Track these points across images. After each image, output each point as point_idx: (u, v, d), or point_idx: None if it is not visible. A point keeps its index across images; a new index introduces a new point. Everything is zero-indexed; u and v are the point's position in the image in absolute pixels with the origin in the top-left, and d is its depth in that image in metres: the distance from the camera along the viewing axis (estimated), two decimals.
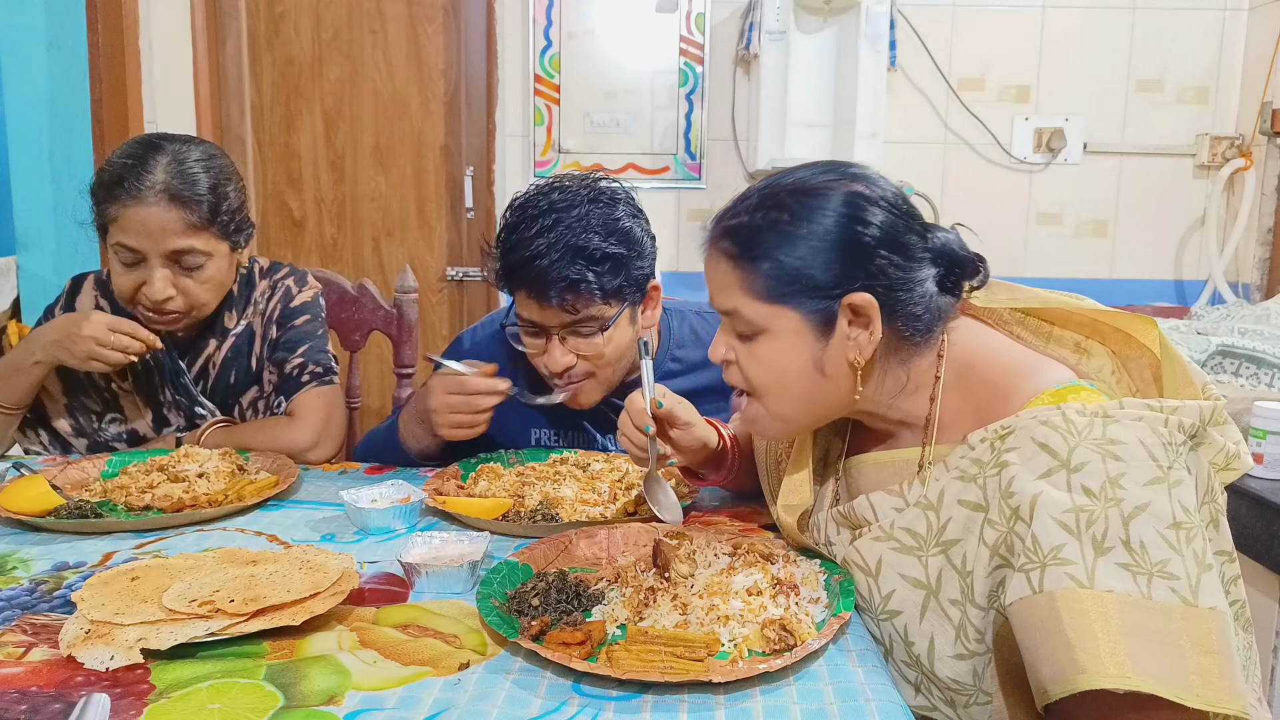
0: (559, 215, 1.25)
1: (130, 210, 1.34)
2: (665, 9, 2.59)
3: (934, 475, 0.88)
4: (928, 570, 0.86)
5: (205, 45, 2.64)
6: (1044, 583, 0.74)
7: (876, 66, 2.44)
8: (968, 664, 0.83)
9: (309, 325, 1.54)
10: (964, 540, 0.83)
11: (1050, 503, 0.76)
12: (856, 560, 0.92)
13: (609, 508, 1.20)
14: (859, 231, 0.88)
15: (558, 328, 1.28)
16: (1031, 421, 0.81)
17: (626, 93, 2.62)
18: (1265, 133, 2.52)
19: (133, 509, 1.18)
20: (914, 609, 0.86)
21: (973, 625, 0.82)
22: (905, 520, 0.88)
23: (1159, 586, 0.72)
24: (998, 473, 0.81)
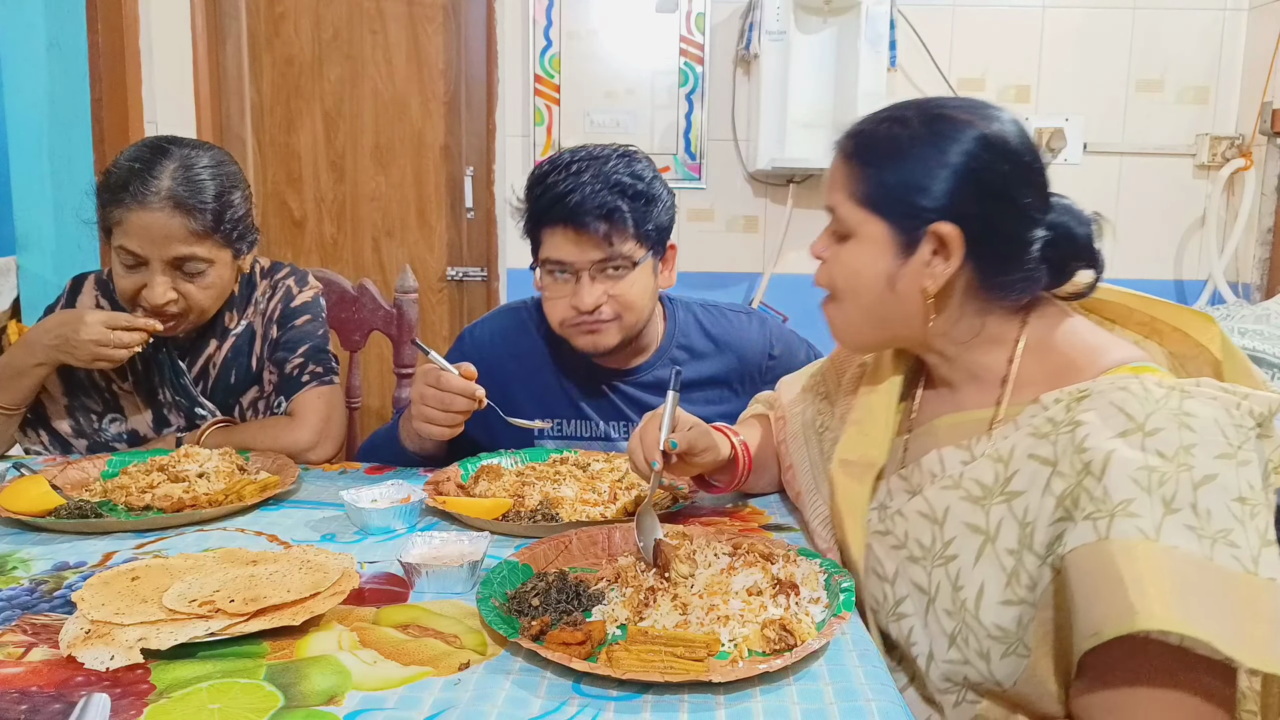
0: (593, 160, 1.34)
1: (135, 215, 1.34)
2: (665, 9, 2.59)
3: (1003, 433, 0.90)
4: (989, 518, 0.87)
5: (205, 45, 2.64)
6: (1111, 530, 0.75)
7: (876, 66, 2.45)
8: (1013, 610, 0.84)
9: (309, 325, 1.54)
10: (1028, 492, 0.85)
11: (1123, 460, 0.77)
12: (923, 509, 0.93)
13: (609, 508, 1.20)
14: (966, 164, 0.90)
15: (589, 266, 1.34)
16: (1109, 386, 0.83)
17: (626, 93, 2.62)
18: (1265, 133, 2.52)
19: (133, 509, 1.18)
20: (970, 554, 0.88)
21: (1026, 572, 0.84)
22: (974, 471, 0.90)
23: (1221, 552, 0.74)
24: (1071, 430, 0.82)
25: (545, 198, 1.33)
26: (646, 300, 1.40)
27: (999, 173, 0.91)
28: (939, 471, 0.94)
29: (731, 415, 1.51)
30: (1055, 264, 0.94)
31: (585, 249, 1.33)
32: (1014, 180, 0.91)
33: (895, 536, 0.96)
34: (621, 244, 1.33)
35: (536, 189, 1.36)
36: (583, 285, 1.34)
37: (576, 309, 1.35)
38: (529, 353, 1.52)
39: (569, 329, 1.39)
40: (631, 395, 1.49)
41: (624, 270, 1.35)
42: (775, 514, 1.22)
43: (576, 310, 1.35)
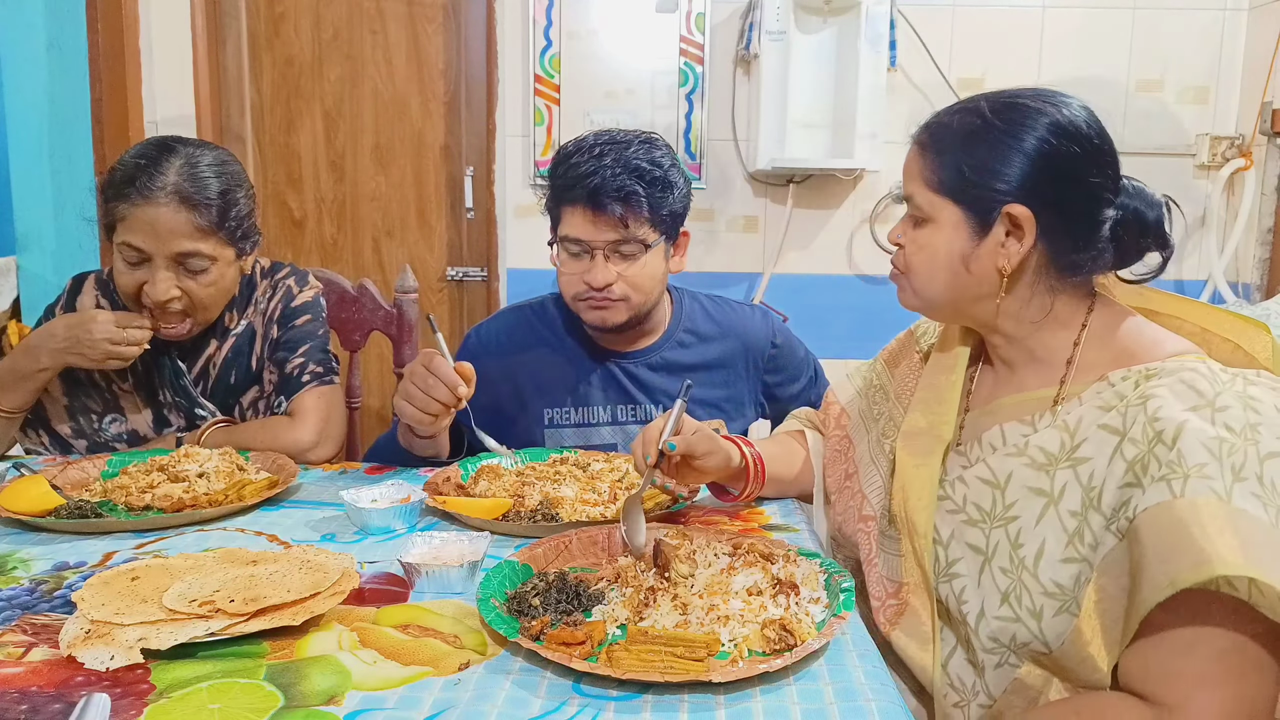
0: (615, 145, 1.40)
1: (139, 210, 1.35)
2: (665, 9, 2.58)
3: (1067, 408, 0.95)
4: (1053, 482, 0.92)
5: (205, 45, 2.64)
6: (1185, 489, 0.79)
7: (876, 66, 2.44)
8: (1073, 568, 0.88)
9: (310, 325, 1.54)
10: (1095, 458, 0.89)
11: (1195, 429, 0.82)
12: (984, 476, 0.98)
13: (609, 508, 1.20)
14: (1040, 152, 0.95)
15: (604, 246, 1.39)
16: (1179, 366, 0.88)
17: (626, 93, 2.62)
18: (1265, 133, 2.52)
19: (133, 509, 1.18)
20: (1031, 516, 0.92)
21: (1090, 531, 0.87)
22: (1039, 440, 0.95)
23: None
24: (1142, 404, 0.87)
25: (567, 177, 1.39)
26: (656, 283, 1.46)
27: (1069, 155, 0.95)
28: (999, 444, 0.99)
29: (734, 399, 1.56)
30: (1124, 244, 0.98)
31: (602, 229, 1.38)
32: (1084, 162, 0.95)
33: (953, 501, 1.00)
34: (636, 227, 1.39)
35: (560, 168, 1.41)
36: (596, 264, 1.40)
37: (589, 285, 1.41)
38: (536, 345, 1.55)
39: (580, 303, 1.45)
40: (638, 377, 1.53)
41: (637, 252, 1.41)
42: (775, 514, 1.22)
43: (589, 286, 1.41)
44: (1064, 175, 0.95)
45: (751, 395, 1.60)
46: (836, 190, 2.65)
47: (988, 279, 0.99)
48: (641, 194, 1.37)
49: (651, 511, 1.16)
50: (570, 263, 1.43)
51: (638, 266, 1.42)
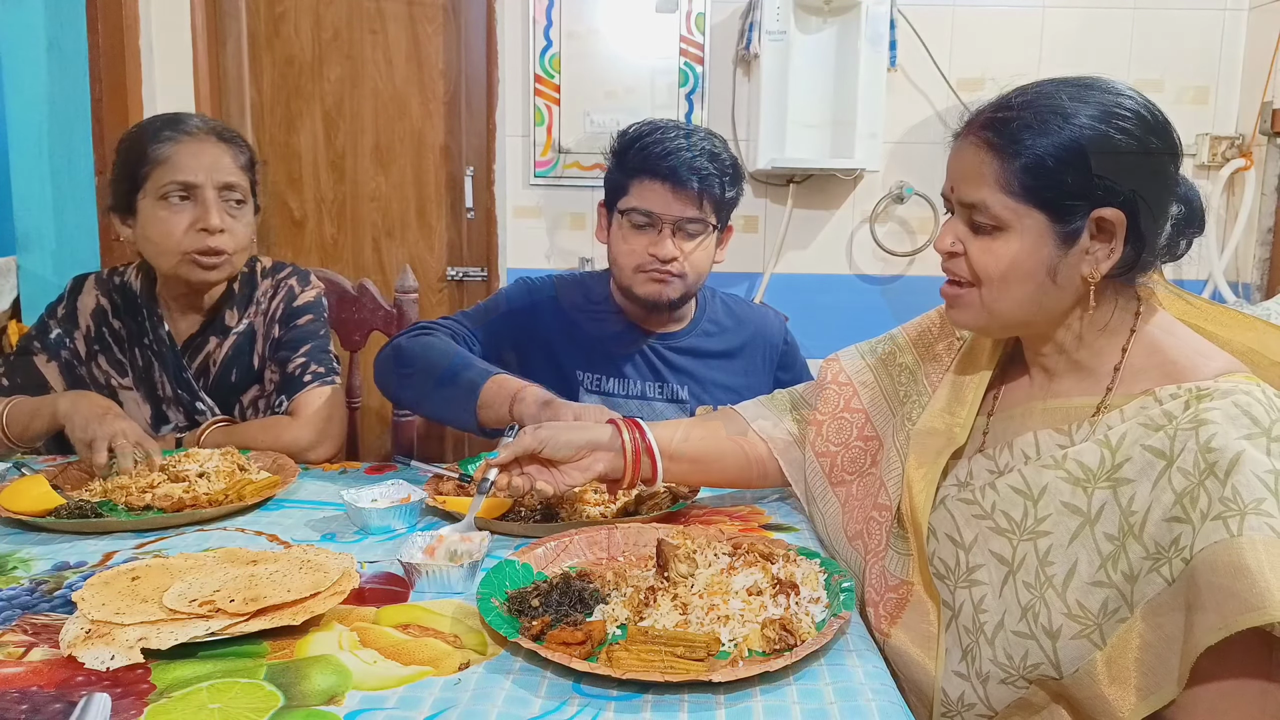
0: (690, 131, 1.48)
1: (183, 146, 1.43)
2: (665, 9, 2.58)
3: (1108, 421, 0.90)
4: (1091, 501, 0.88)
5: (205, 45, 2.64)
6: (1243, 528, 0.75)
7: (876, 66, 2.44)
8: (1101, 593, 0.85)
9: (312, 325, 1.55)
10: (1138, 482, 0.85)
11: (1252, 460, 0.78)
12: (1017, 485, 0.93)
13: (609, 508, 1.20)
14: (1123, 143, 0.89)
15: (673, 221, 1.46)
16: (1233, 388, 0.83)
17: (626, 93, 2.62)
18: (1265, 133, 2.52)
19: (133, 509, 1.18)
20: (1064, 534, 0.89)
21: (1127, 559, 0.84)
22: (1078, 453, 0.90)
23: None
24: (1194, 429, 0.82)
25: (647, 152, 1.45)
26: (707, 265, 1.54)
27: (1151, 149, 0.90)
28: (1033, 454, 0.95)
29: (751, 388, 1.61)
30: (1178, 235, 0.95)
31: (678, 204, 1.46)
32: (1166, 157, 0.91)
33: (980, 507, 0.96)
34: (708, 208, 1.48)
35: (634, 145, 1.48)
36: (664, 237, 1.47)
37: (655, 256, 1.47)
38: (581, 309, 1.61)
39: (640, 274, 1.50)
40: (667, 358, 1.60)
41: (700, 232, 1.49)
42: (775, 514, 1.22)
43: (654, 258, 1.47)
44: (1152, 172, 0.90)
45: (766, 387, 1.64)
46: (836, 190, 2.65)
47: (1072, 289, 0.93)
48: (716, 177, 1.46)
49: (651, 511, 1.17)
50: (634, 235, 1.49)
51: (699, 247, 1.49)
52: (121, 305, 1.53)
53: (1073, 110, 0.90)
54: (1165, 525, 0.81)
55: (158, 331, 1.51)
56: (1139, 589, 0.82)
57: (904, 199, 2.60)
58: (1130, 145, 0.89)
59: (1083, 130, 0.89)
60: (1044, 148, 0.90)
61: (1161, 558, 0.81)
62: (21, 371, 1.51)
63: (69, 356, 1.51)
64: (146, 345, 1.51)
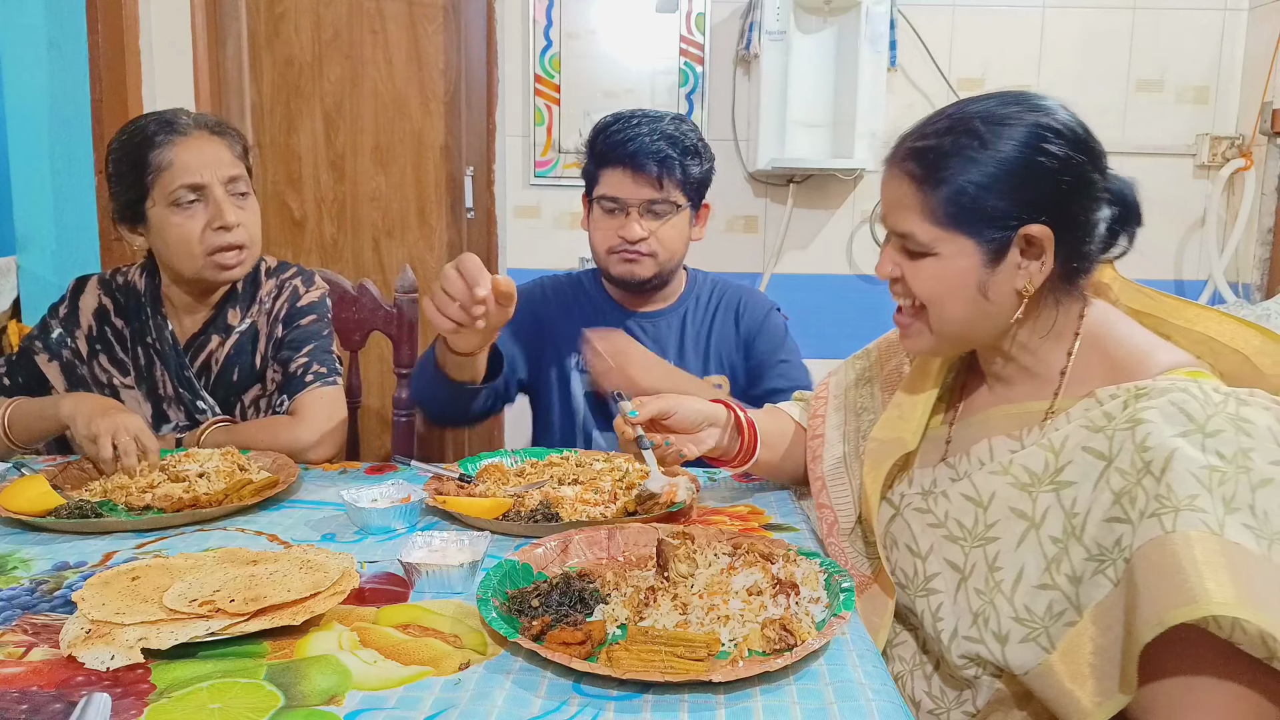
0: (653, 116, 1.56)
1: (184, 146, 1.43)
2: (665, 9, 2.59)
3: (1055, 424, 0.91)
4: (1035, 505, 0.89)
5: (205, 45, 2.64)
6: (1177, 523, 0.76)
7: (876, 66, 2.44)
8: (1046, 596, 0.86)
9: (315, 325, 1.55)
10: (1079, 484, 0.86)
11: (1185, 457, 0.78)
12: (968, 492, 0.95)
13: (609, 508, 1.20)
14: (1044, 164, 0.90)
15: (639, 204, 1.54)
16: (1170, 386, 0.84)
17: (626, 93, 2.62)
18: (1265, 133, 2.52)
19: (133, 509, 1.18)
20: (1012, 538, 0.90)
21: (1069, 561, 0.85)
22: (1023, 459, 0.91)
23: (1278, 551, 0.75)
24: (1131, 428, 0.83)
25: (609, 142, 1.54)
26: (681, 244, 1.60)
27: (1075, 162, 0.91)
28: (987, 459, 0.96)
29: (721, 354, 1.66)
30: (1115, 235, 0.96)
31: (638, 188, 1.53)
32: (1081, 162, 0.92)
33: (934, 515, 0.98)
34: (670, 188, 1.54)
35: (600, 136, 1.56)
36: (631, 219, 1.55)
37: (623, 239, 1.55)
38: (568, 301, 1.71)
39: (612, 256, 1.58)
40: (653, 334, 1.67)
41: (667, 212, 1.56)
42: (775, 514, 1.22)
43: (623, 240, 1.55)
44: (1074, 184, 0.91)
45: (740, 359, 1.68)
46: (836, 190, 2.65)
47: (1007, 304, 0.95)
48: (675, 158, 1.52)
49: (651, 512, 1.17)
50: (605, 220, 1.57)
51: (667, 226, 1.56)
52: (125, 304, 1.53)
53: (989, 135, 0.91)
54: (1106, 526, 0.82)
55: (161, 331, 1.51)
56: (1085, 591, 0.83)
57: None
58: (1050, 163, 0.90)
59: (1001, 154, 0.90)
60: (963, 176, 0.91)
61: (1105, 559, 0.82)
62: (23, 371, 1.51)
63: (70, 356, 1.51)
64: (149, 344, 1.51)
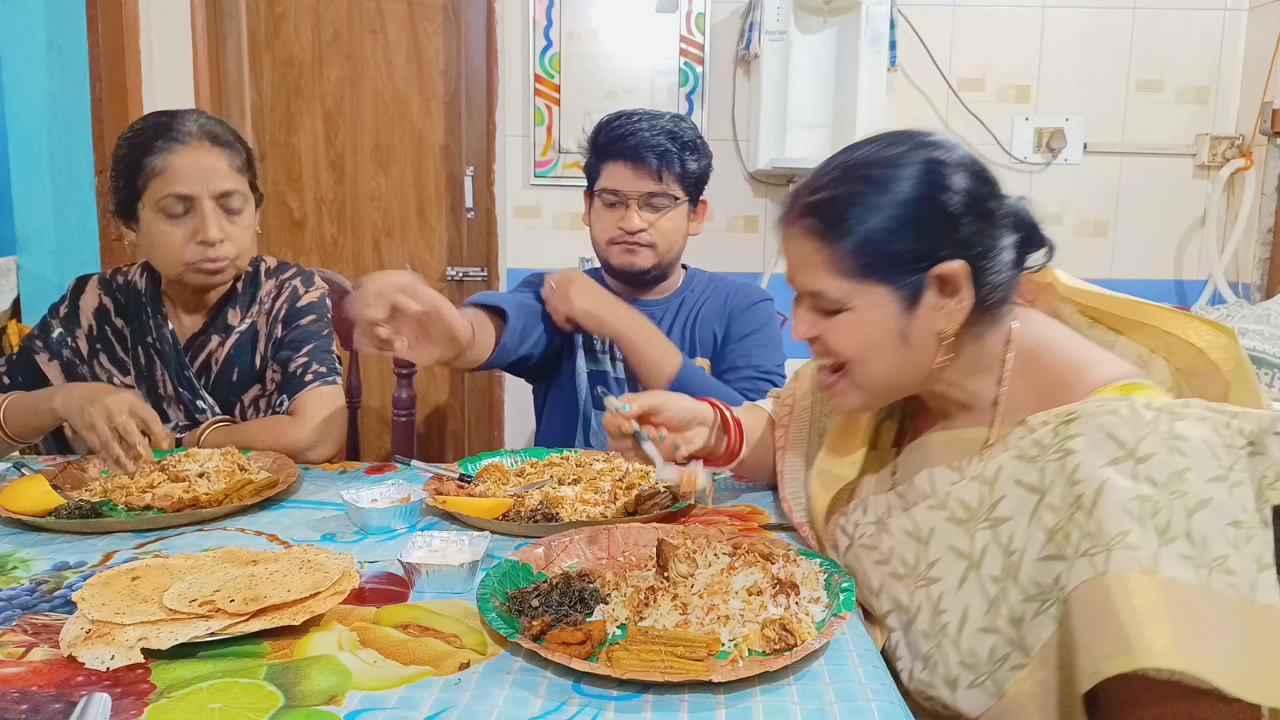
0: (653, 114, 1.62)
1: (177, 156, 1.41)
2: (665, 9, 2.58)
3: (991, 454, 0.88)
4: (973, 542, 0.86)
5: (205, 45, 2.64)
6: (1109, 564, 0.74)
7: (876, 66, 2.44)
8: (989, 640, 0.83)
9: (314, 325, 1.55)
10: (1014, 519, 0.84)
11: (1116, 489, 0.76)
12: (908, 528, 0.93)
13: (609, 508, 1.20)
14: (944, 200, 0.88)
15: (638, 196, 1.59)
16: (1099, 410, 0.81)
17: (626, 93, 2.62)
18: (1265, 133, 2.52)
19: (133, 509, 1.18)
20: (954, 578, 0.87)
21: (1007, 604, 0.83)
22: (959, 492, 0.89)
23: (1218, 579, 0.73)
24: (1061, 458, 0.81)
25: (611, 136, 1.60)
26: (679, 237, 1.65)
27: (970, 191, 0.89)
28: (929, 491, 0.93)
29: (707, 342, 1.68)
30: (1021, 259, 0.93)
31: (638, 181, 1.58)
32: (983, 192, 0.90)
33: (880, 552, 0.95)
34: (669, 182, 1.59)
35: (601, 132, 1.62)
36: (631, 211, 1.60)
37: (623, 229, 1.60)
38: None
39: (613, 248, 1.63)
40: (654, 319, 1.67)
41: (666, 205, 1.61)
42: (775, 514, 1.22)
43: (623, 231, 1.60)
44: (977, 214, 0.89)
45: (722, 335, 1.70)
46: None
47: (930, 347, 0.92)
48: (674, 153, 1.58)
49: (651, 511, 1.17)
50: (605, 213, 1.63)
51: (665, 218, 1.61)
52: (125, 304, 1.54)
53: (883, 178, 0.89)
54: (1043, 565, 0.80)
55: (161, 330, 1.51)
56: (1030, 633, 0.81)
57: None
58: (951, 198, 0.88)
59: (899, 196, 0.88)
60: (865, 224, 0.89)
61: (1047, 598, 0.80)
62: (23, 370, 1.51)
63: (70, 355, 1.51)
64: (149, 344, 1.51)
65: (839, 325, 0.93)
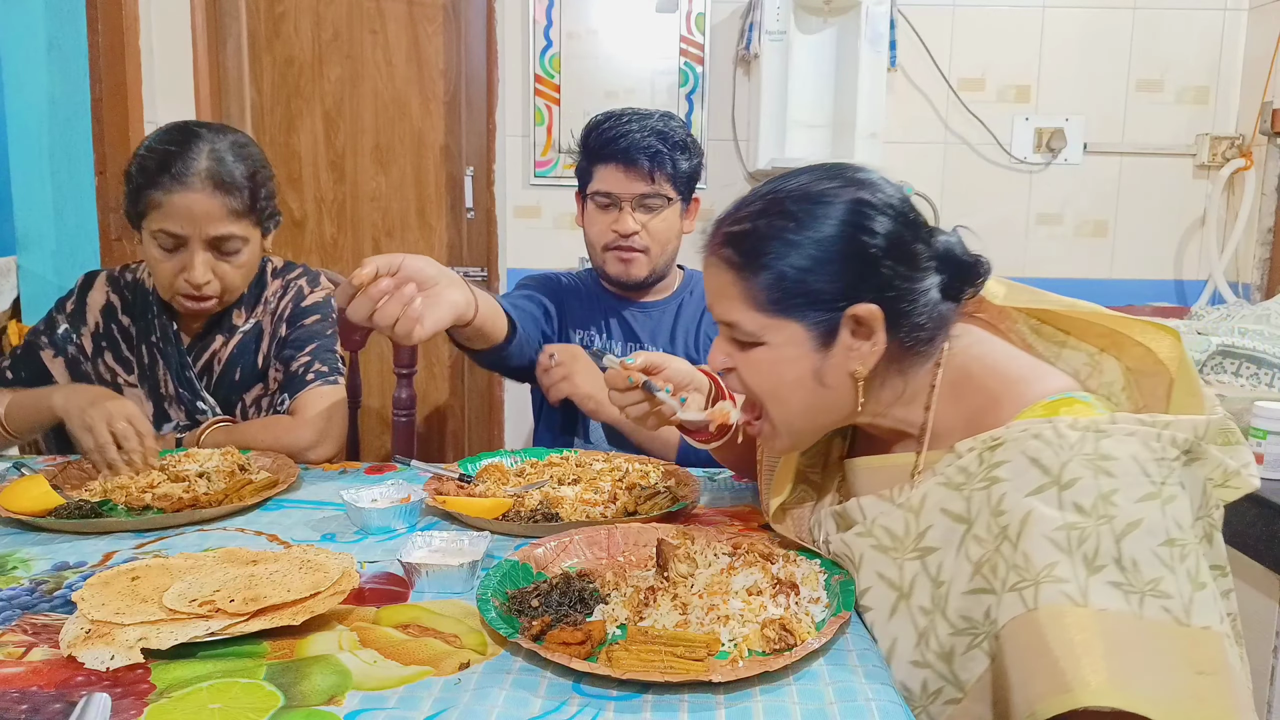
0: (643, 114, 1.60)
1: (175, 196, 1.38)
2: (665, 9, 2.58)
3: (920, 481, 0.87)
4: (902, 572, 0.85)
5: (205, 45, 2.64)
6: (1038, 599, 0.73)
7: (876, 66, 2.44)
8: (920, 674, 0.82)
9: (319, 325, 1.55)
10: (942, 550, 0.83)
11: (1041, 519, 0.75)
12: (844, 552, 0.92)
13: (609, 508, 1.20)
14: (865, 241, 0.86)
15: (631, 198, 1.58)
16: (1023, 435, 0.80)
17: (626, 93, 2.62)
18: (1265, 133, 2.52)
19: (133, 509, 1.18)
20: (885, 608, 0.86)
21: (936, 638, 0.81)
22: (886, 520, 0.88)
23: (1151, 605, 0.72)
24: (986, 488, 0.80)
25: (602, 139, 1.58)
26: (672, 237, 1.65)
27: (896, 236, 0.87)
28: (859, 518, 0.92)
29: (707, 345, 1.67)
30: (954, 296, 0.91)
31: (631, 183, 1.57)
32: (903, 235, 0.88)
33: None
34: (661, 182, 1.58)
35: (592, 134, 1.60)
36: (624, 213, 1.59)
37: (617, 233, 1.59)
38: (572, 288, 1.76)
39: (608, 254, 1.63)
40: (648, 324, 1.71)
41: (659, 206, 1.60)
42: None
43: (617, 234, 1.59)
44: (898, 258, 0.87)
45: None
46: None
47: (845, 388, 0.90)
48: (665, 153, 1.56)
49: (651, 511, 1.17)
50: (599, 215, 1.62)
51: (658, 219, 1.60)
52: (132, 301, 1.54)
53: (805, 215, 0.88)
54: (972, 598, 0.79)
55: (166, 330, 1.51)
56: (962, 668, 0.79)
57: None
58: (871, 240, 0.86)
59: (819, 235, 0.87)
60: (783, 260, 0.87)
61: (978, 632, 0.78)
62: (26, 365, 1.51)
63: (75, 352, 1.52)
64: (153, 343, 1.52)
65: (754, 360, 0.92)
